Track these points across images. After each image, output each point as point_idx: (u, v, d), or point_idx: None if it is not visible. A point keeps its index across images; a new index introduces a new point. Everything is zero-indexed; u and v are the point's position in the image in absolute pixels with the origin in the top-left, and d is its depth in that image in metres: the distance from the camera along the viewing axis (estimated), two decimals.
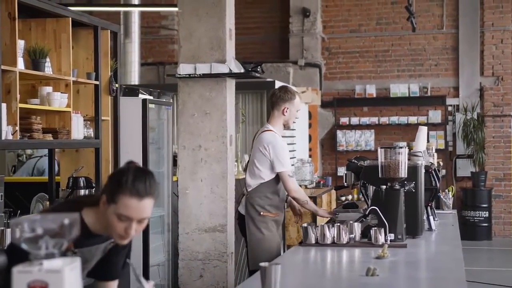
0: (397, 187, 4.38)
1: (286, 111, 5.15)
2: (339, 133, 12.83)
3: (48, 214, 1.85)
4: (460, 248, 4.27)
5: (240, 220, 5.26)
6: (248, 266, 5.23)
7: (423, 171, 4.70)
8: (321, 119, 12.79)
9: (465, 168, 12.48)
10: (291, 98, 5.16)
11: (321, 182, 10.75)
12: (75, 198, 2.79)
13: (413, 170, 4.53)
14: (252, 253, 5.14)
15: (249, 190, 5.14)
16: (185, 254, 5.62)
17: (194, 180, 5.57)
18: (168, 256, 6.79)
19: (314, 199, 9.02)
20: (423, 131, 5.54)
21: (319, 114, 12.72)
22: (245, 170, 8.40)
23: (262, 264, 2.74)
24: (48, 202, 5.44)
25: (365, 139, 12.73)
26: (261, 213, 5.08)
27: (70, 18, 5.15)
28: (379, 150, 4.43)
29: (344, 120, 12.83)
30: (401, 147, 4.40)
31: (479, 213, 12.12)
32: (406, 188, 4.48)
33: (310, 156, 12.00)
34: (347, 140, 12.81)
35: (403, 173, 4.37)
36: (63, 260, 1.76)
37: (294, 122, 5.32)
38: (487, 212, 12.15)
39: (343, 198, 11.39)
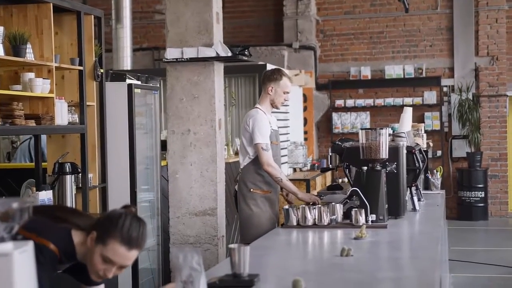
0: (378, 168, 4.40)
1: (272, 90, 5.28)
2: (335, 116, 12.82)
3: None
4: (440, 228, 4.29)
5: (236, 197, 5.39)
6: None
7: (405, 151, 4.71)
8: (316, 102, 12.78)
9: (461, 149, 12.48)
10: (276, 79, 5.28)
11: (316, 164, 10.79)
12: (62, 215, 2.77)
13: (394, 151, 4.54)
14: (242, 229, 5.30)
15: (241, 167, 5.28)
16: (176, 238, 5.64)
17: (184, 164, 5.58)
18: (158, 240, 6.82)
19: (307, 181, 9.05)
20: (407, 112, 5.56)
21: (314, 97, 12.71)
22: (236, 153, 8.46)
23: (231, 245, 2.76)
24: (34, 188, 5.46)
25: (360, 121, 12.73)
26: (251, 189, 5.19)
27: (51, 4, 5.14)
28: (360, 131, 4.44)
29: (339, 102, 12.82)
30: (382, 129, 4.41)
31: (475, 193, 12.13)
32: (388, 169, 4.49)
33: (305, 139, 12.01)
34: (343, 122, 12.81)
35: (384, 154, 4.38)
36: (13, 244, 1.77)
37: (283, 104, 5.39)
38: (483, 192, 12.16)
39: (340, 180, 11.40)
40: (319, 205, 4.34)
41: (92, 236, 2.63)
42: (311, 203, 4.96)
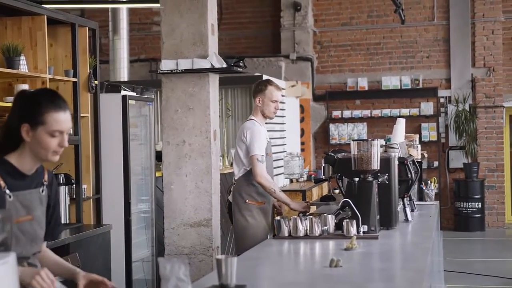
0: (370, 179, 4.40)
1: (260, 101, 5.39)
2: (332, 127, 12.84)
3: None
4: (432, 238, 4.29)
5: (229, 208, 5.43)
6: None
7: (397, 163, 4.72)
8: (313, 112, 12.81)
9: (457, 160, 12.50)
10: (262, 89, 5.39)
11: (313, 175, 10.78)
12: None
13: (386, 162, 4.55)
14: (237, 240, 5.35)
15: (236, 178, 5.34)
16: (171, 249, 5.64)
17: (179, 175, 5.58)
18: (152, 251, 6.82)
19: (303, 192, 9.05)
20: (400, 123, 5.58)
21: (312, 107, 12.74)
22: (232, 164, 8.48)
23: (218, 256, 2.78)
24: None
25: (357, 132, 12.75)
26: (247, 201, 5.26)
27: (45, 16, 5.18)
28: (351, 142, 4.45)
29: (336, 113, 12.84)
30: (373, 140, 4.43)
31: (472, 204, 12.13)
32: (380, 180, 4.50)
33: (303, 150, 12.02)
34: (340, 133, 12.83)
35: (375, 165, 4.39)
36: None
37: (275, 112, 5.42)
38: (480, 203, 12.17)
39: (337, 191, 11.39)
40: (310, 216, 4.34)
41: (25, 129, 2.70)
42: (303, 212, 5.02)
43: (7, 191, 2.69)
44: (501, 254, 10.26)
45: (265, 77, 9.58)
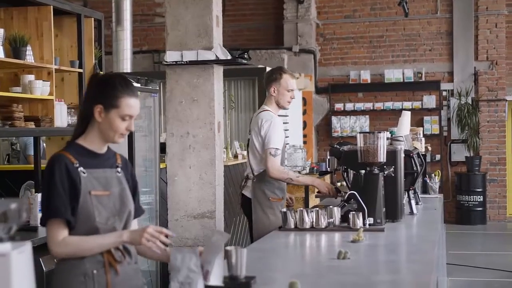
0: (376, 171, 4.41)
1: (274, 91, 5.25)
2: (334, 119, 12.85)
3: None
4: (437, 231, 4.30)
5: (244, 203, 5.32)
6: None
7: (403, 155, 4.72)
8: (315, 105, 12.81)
9: (459, 153, 12.51)
10: (276, 78, 5.25)
11: (315, 168, 10.78)
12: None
13: (392, 154, 4.55)
14: (258, 237, 5.23)
15: (255, 174, 5.22)
16: (174, 240, 5.63)
17: (183, 167, 5.57)
18: None
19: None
20: (406, 116, 5.58)
21: (314, 100, 12.74)
22: (235, 156, 8.47)
23: (228, 247, 2.78)
24: (33, 190, 5.47)
25: (360, 125, 12.75)
26: (270, 198, 5.16)
27: (51, 6, 5.17)
28: (357, 135, 4.45)
29: (339, 106, 12.84)
30: (380, 132, 4.43)
31: (473, 198, 12.15)
32: (385, 172, 4.51)
33: (305, 142, 12.02)
34: (342, 126, 12.83)
35: (382, 157, 4.39)
36: (11, 244, 1.78)
37: (289, 102, 5.32)
38: (481, 196, 12.18)
39: (339, 184, 11.40)
40: (316, 208, 4.34)
41: (99, 110, 2.81)
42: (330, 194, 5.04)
43: (81, 168, 2.78)
44: (502, 248, 10.29)
45: (269, 69, 9.58)
